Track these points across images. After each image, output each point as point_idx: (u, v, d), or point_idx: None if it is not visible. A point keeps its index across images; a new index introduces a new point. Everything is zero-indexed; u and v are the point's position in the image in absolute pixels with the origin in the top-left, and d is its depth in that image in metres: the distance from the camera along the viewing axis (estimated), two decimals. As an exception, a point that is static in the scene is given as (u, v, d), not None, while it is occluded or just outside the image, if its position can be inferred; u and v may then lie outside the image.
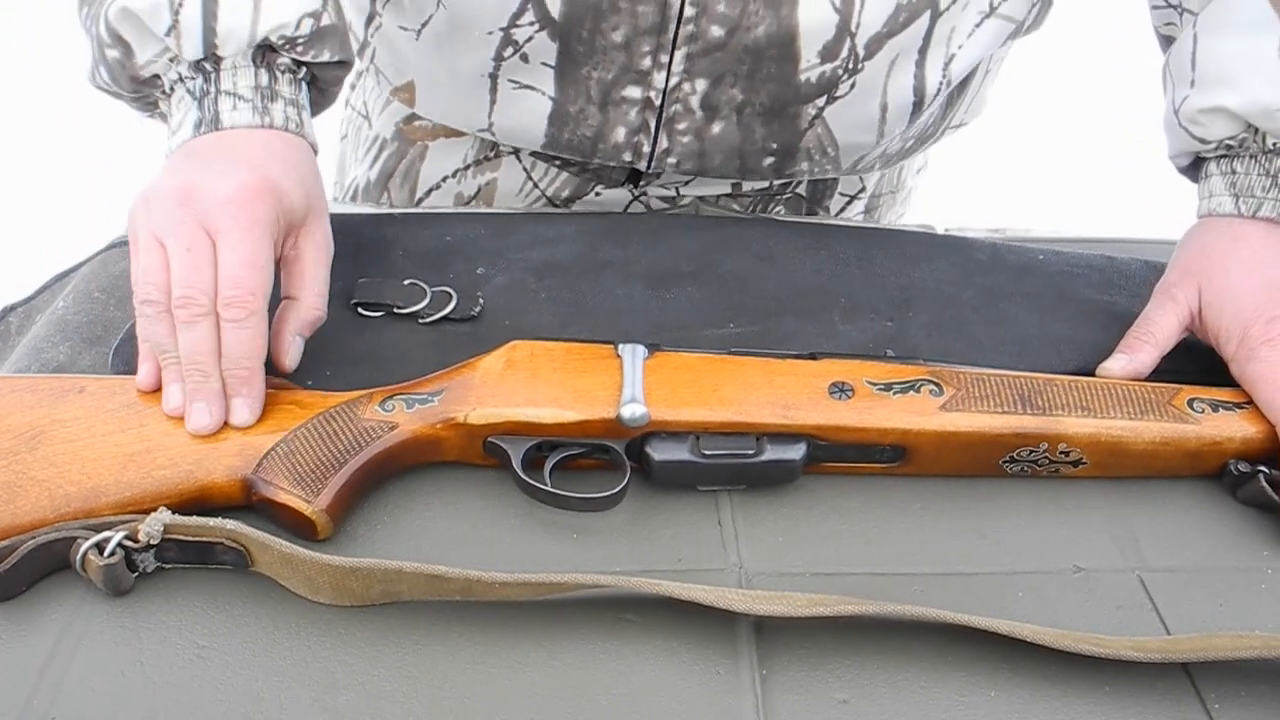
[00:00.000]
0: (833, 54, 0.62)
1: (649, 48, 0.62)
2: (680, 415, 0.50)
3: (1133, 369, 0.56)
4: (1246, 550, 0.51)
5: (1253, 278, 0.56)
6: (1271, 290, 0.56)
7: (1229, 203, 0.58)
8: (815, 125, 0.66)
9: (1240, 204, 0.58)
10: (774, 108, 0.65)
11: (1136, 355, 0.56)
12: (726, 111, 0.65)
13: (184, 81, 0.54)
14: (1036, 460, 0.52)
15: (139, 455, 0.47)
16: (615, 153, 0.68)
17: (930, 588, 0.48)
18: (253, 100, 0.54)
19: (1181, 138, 0.61)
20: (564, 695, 0.43)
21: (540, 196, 0.77)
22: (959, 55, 0.65)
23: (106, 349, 0.56)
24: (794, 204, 0.80)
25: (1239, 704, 0.44)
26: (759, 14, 0.60)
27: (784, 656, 0.45)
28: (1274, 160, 0.57)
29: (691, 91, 0.64)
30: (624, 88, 0.64)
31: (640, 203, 0.77)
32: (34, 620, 0.44)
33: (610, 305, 0.61)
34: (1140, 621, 0.47)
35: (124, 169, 1.96)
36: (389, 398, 0.50)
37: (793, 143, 0.67)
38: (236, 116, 0.54)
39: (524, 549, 0.49)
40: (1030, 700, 0.44)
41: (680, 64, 0.63)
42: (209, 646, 0.44)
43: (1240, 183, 0.58)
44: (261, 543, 0.45)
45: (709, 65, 0.63)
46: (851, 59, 0.63)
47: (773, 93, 0.64)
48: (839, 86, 0.64)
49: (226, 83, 0.54)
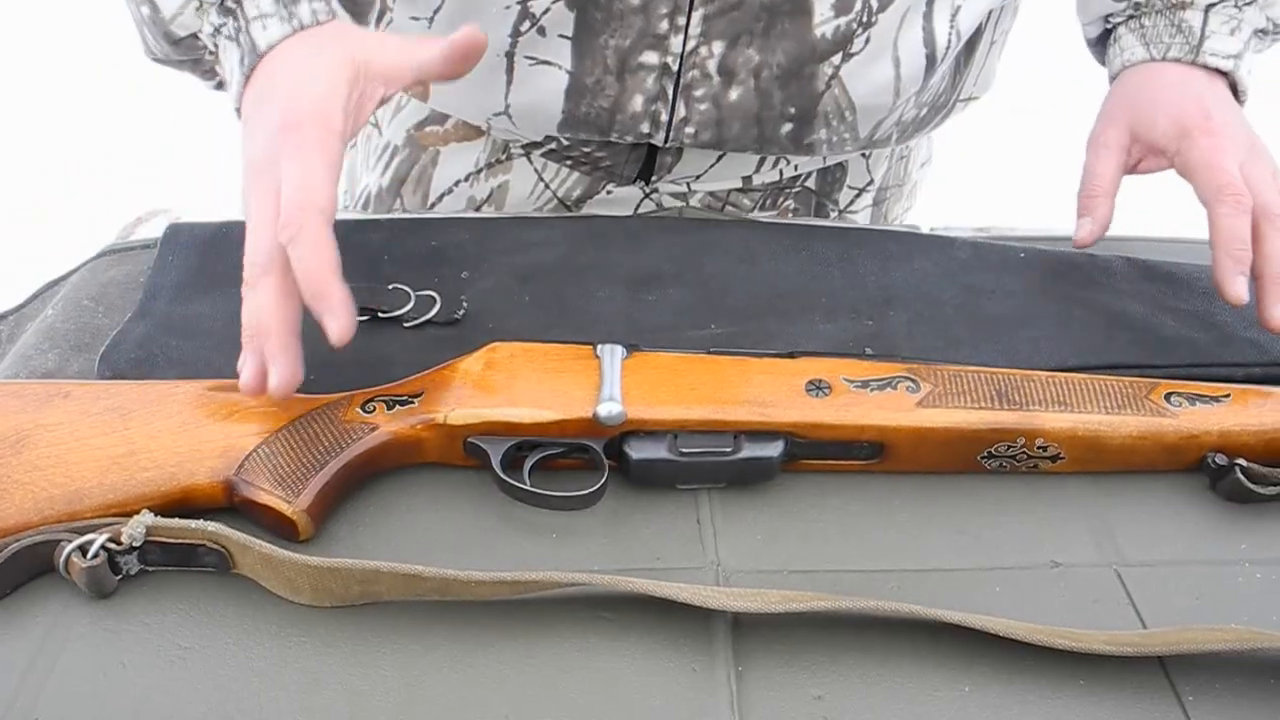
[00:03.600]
0: (847, 6, 0.63)
1: (666, 9, 0.62)
2: (658, 414, 0.50)
3: (1099, 227, 0.63)
4: (1224, 544, 0.51)
5: (1177, 92, 0.64)
6: (1200, 101, 0.63)
7: (1140, 51, 0.66)
8: (832, 86, 0.66)
9: (1151, 49, 0.65)
10: (790, 68, 0.65)
11: (1096, 212, 0.63)
12: (744, 75, 0.65)
13: (220, 32, 0.55)
14: (1015, 456, 0.52)
15: (122, 458, 0.48)
16: (633, 123, 0.67)
17: (908, 584, 0.48)
18: (277, 12, 0.54)
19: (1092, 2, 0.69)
20: (540, 693, 0.43)
21: (552, 198, 0.77)
22: (965, 6, 0.66)
23: (94, 356, 0.57)
24: (804, 198, 0.80)
25: (1213, 696, 0.44)
26: None
27: (760, 653, 0.45)
28: (1178, 13, 0.65)
29: (709, 55, 0.64)
30: (641, 53, 0.64)
31: (651, 200, 0.77)
32: (17, 622, 0.45)
33: (592, 308, 0.61)
34: (1117, 616, 0.47)
35: (114, 179, 1.98)
36: (370, 400, 0.51)
37: (810, 107, 0.67)
38: (269, 34, 0.54)
39: (504, 548, 0.49)
40: (1005, 695, 0.44)
41: (698, 25, 0.63)
42: (191, 648, 0.44)
43: (1149, 34, 0.66)
44: (242, 544, 0.45)
45: (726, 25, 0.63)
46: (865, 11, 0.64)
47: (789, 51, 0.64)
48: (854, 42, 0.65)
49: (251, 9, 0.54)
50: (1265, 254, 0.59)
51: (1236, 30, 0.65)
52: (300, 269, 0.47)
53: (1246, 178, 0.60)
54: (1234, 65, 0.64)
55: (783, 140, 0.69)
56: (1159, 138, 0.63)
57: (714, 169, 0.75)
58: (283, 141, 0.49)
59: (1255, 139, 0.62)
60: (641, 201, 0.77)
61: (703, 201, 0.78)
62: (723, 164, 0.74)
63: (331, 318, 0.47)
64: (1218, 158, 0.61)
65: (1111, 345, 0.60)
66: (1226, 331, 0.61)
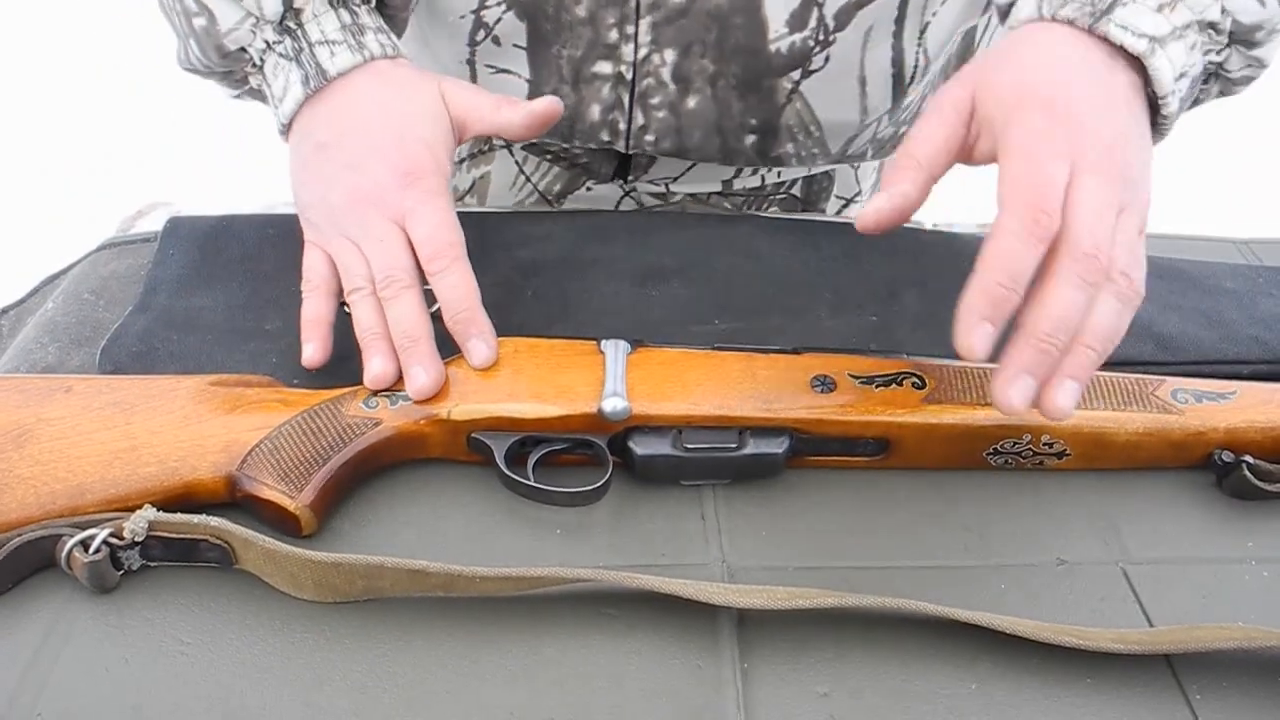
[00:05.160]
0: (801, 23, 0.61)
1: (613, 19, 0.62)
2: (662, 409, 0.50)
3: (890, 207, 0.46)
4: (1230, 541, 0.51)
5: (1042, 55, 0.47)
6: (1065, 70, 0.46)
7: (1031, 6, 0.49)
8: (794, 100, 0.65)
9: (1044, 4, 0.48)
10: (748, 79, 0.64)
11: (895, 186, 0.46)
12: (700, 84, 0.64)
13: (273, 48, 0.55)
14: (1020, 452, 0.52)
15: (124, 453, 0.48)
16: (592, 132, 0.68)
17: (914, 581, 0.48)
18: (345, 40, 0.55)
19: None
20: (545, 689, 0.43)
21: (533, 191, 0.77)
22: (934, 24, 0.64)
23: (95, 350, 0.56)
24: (788, 204, 0.80)
25: (1220, 695, 0.44)
26: None
27: (765, 650, 0.45)
28: None
29: (661, 63, 0.64)
30: (594, 63, 0.64)
31: (631, 198, 0.77)
32: (20, 618, 0.45)
33: (596, 303, 0.61)
34: (1123, 613, 0.47)
35: (114, 179, 1.97)
36: (373, 394, 0.51)
37: (772, 119, 0.66)
38: (338, 61, 0.55)
39: (508, 544, 0.49)
40: (1011, 693, 0.44)
41: (646, 34, 0.62)
42: (193, 643, 0.44)
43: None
44: (245, 539, 0.45)
45: (675, 34, 0.62)
46: (821, 29, 0.62)
47: (744, 64, 0.63)
48: (812, 59, 0.63)
49: (315, 33, 0.55)
50: (1040, 301, 0.43)
51: (1169, 8, 0.46)
52: (451, 296, 0.52)
53: (1071, 191, 0.43)
54: (1148, 49, 0.46)
55: (749, 152, 0.69)
56: (990, 104, 0.46)
57: (691, 172, 0.74)
58: (407, 185, 0.53)
59: (1119, 149, 0.44)
60: (622, 199, 0.77)
61: (683, 202, 0.77)
62: (699, 168, 0.74)
63: (479, 340, 0.51)
64: (1042, 148, 0.43)
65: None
66: (1232, 329, 0.61)
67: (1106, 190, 0.43)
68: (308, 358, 0.53)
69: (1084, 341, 0.43)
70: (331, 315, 0.54)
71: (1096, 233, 0.42)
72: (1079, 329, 0.43)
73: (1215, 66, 0.49)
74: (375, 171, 0.53)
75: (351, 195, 0.53)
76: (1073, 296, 0.42)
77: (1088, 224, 0.42)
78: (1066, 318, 0.43)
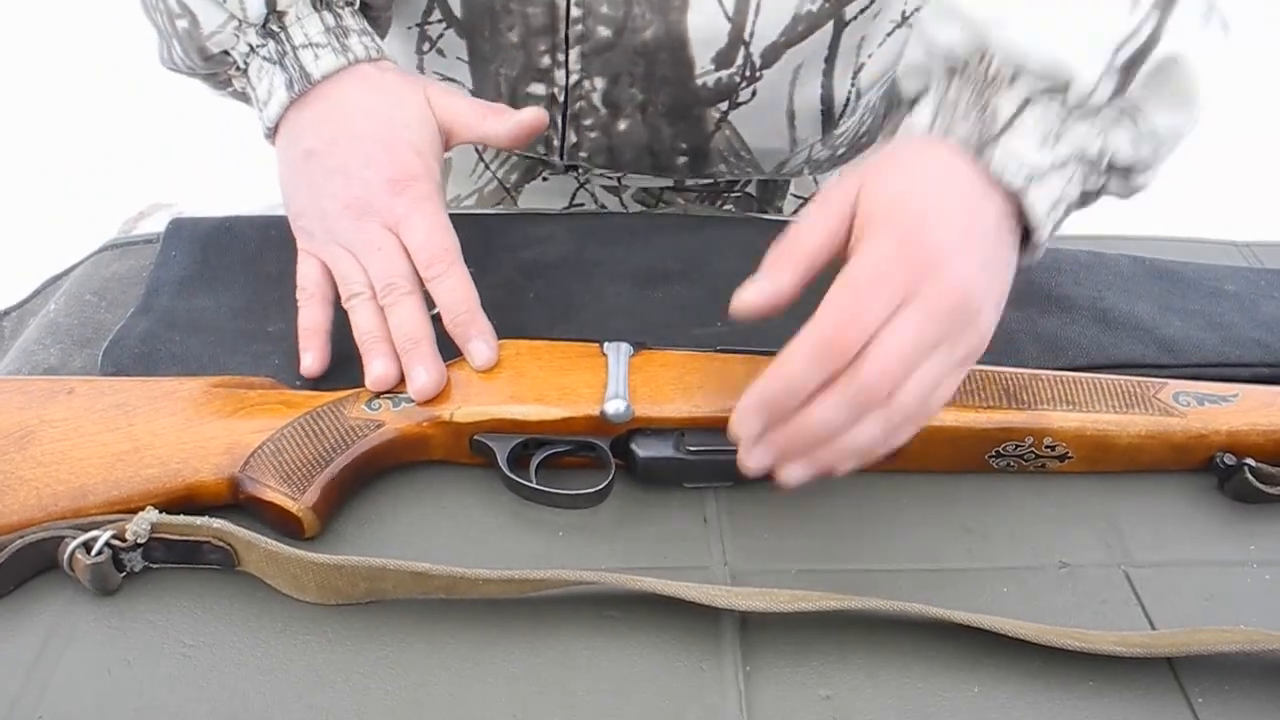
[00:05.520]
0: (727, 61, 0.62)
1: (545, 46, 0.63)
2: (664, 411, 0.50)
3: (767, 294, 0.46)
4: (1232, 544, 0.51)
5: (919, 174, 0.47)
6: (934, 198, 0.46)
7: (927, 116, 0.49)
8: (723, 128, 0.66)
9: (937, 121, 0.48)
10: (676, 108, 0.65)
11: (773, 275, 0.46)
12: (630, 110, 0.65)
13: (256, 51, 0.55)
14: (1023, 455, 0.52)
15: (127, 455, 0.48)
16: (530, 145, 0.69)
17: (916, 584, 0.48)
18: (329, 43, 0.55)
19: (912, 43, 0.52)
20: (547, 692, 0.43)
21: (492, 178, 0.78)
22: (869, 65, 0.65)
23: (97, 351, 0.56)
24: (744, 203, 0.80)
25: (1223, 698, 0.44)
26: (645, 17, 0.61)
27: (768, 653, 0.45)
28: (989, 91, 0.47)
29: (592, 89, 0.65)
30: (528, 84, 0.66)
31: (586, 191, 0.77)
32: (22, 619, 0.45)
33: (598, 305, 0.61)
34: (1125, 616, 0.47)
35: (117, 174, 1.97)
36: (375, 396, 0.51)
37: (702, 144, 0.67)
38: (322, 64, 0.55)
39: (510, 547, 0.49)
40: (1014, 696, 0.44)
41: (576, 62, 0.63)
42: (195, 645, 0.44)
43: (947, 101, 0.48)
44: (247, 541, 0.45)
45: (603, 64, 0.63)
46: (748, 67, 0.62)
47: (672, 94, 0.64)
48: (739, 93, 0.64)
49: (298, 36, 0.55)
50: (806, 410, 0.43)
51: (1051, 142, 0.46)
52: (450, 300, 0.52)
53: (883, 329, 0.42)
54: (1024, 185, 0.46)
55: (680, 169, 0.70)
56: (865, 211, 0.46)
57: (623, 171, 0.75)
58: (399, 192, 0.53)
59: (961, 286, 0.43)
60: (577, 191, 0.77)
61: (636, 196, 0.78)
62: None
63: (480, 341, 0.52)
64: (872, 284, 0.43)
65: (1118, 345, 0.59)
66: (1233, 332, 0.61)
67: (925, 328, 0.43)
68: (306, 367, 0.53)
69: (835, 445, 0.44)
70: (329, 323, 0.55)
71: (887, 369, 0.42)
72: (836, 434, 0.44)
73: (1097, 190, 0.50)
74: (366, 178, 0.53)
75: (344, 203, 0.53)
76: (834, 415, 0.43)
77: (880, 361, 0.42)
78: (822, 429, 0.44)
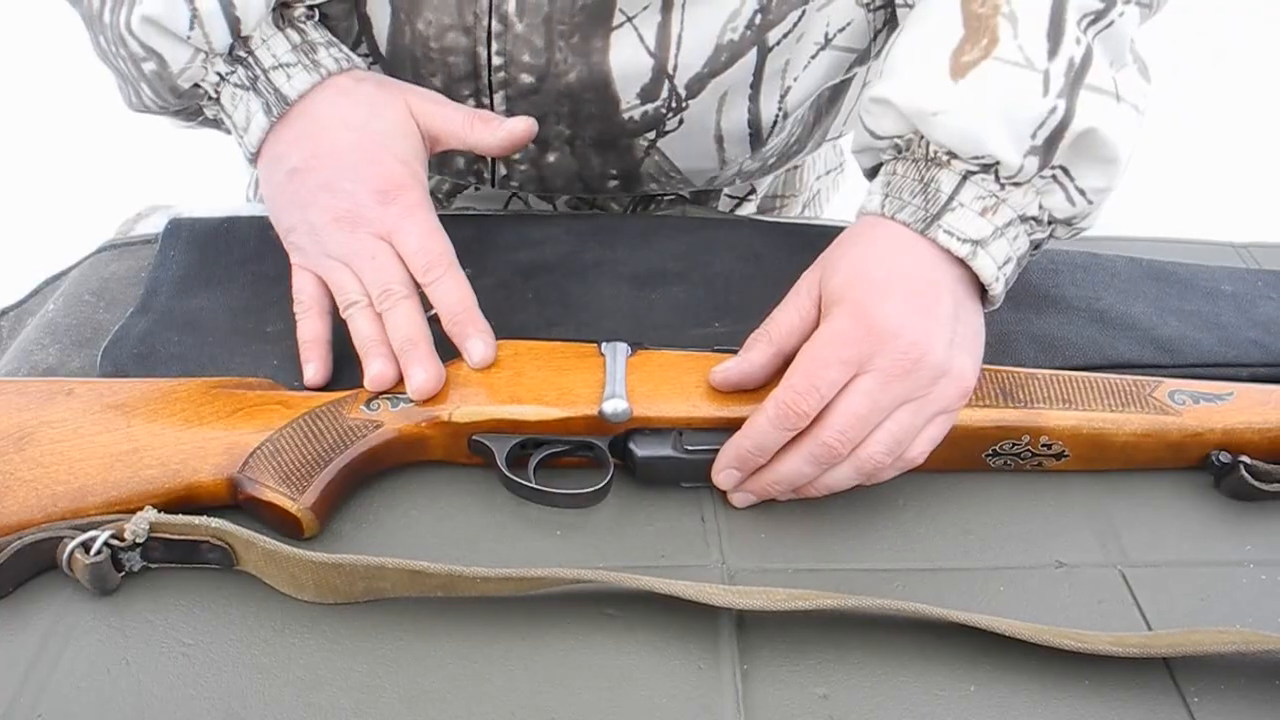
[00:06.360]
0: (652, 95, 0.63)
1: (468, 91, 0.63)
2: (662, 411, 0.50)
3: (737, 373, 0.51)
4: (1229, 544, 0.51)
5: (874, 254, 0.51)
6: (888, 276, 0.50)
7: (878, 199, 0.53)
8: (651, 154, 0.67)
9: (886, 203, 0.52)
10: (603, 140, 0.66)
11: (747, 355, 0.51)
12: (558, 144, 0.66)
13: (226, 79, 0.55)
14: (1019, 453, 0.52)
15: (126, 455, 0.48)
16: (463, 173, 0.70)
17: (913, 583, 0.48)
18: (299, 61, 0.55)
19: (859, 128, 0.55)
20: (545, 690, 0.43)
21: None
22: (795, 88, 0.65)
23: (95, 351, 0.57)
24: (677, 204, 0.80)
25: (1218, 697, 0.44)
26: (567, 61, 0.61)
27: (765, 651, 0.45)
28: (931, 170, 0.51)
29: None
30: None
31: (519, 198, 0.77)
32: (21, 619, 0.45)
33: (596, 305, 0.61)
34: (1121, 616, 0.47)
35: (115, 174, 1.97)
36: (374, 397, 0.51)
37: (632, 169, 0.68)
38: (295, 84, 0.55)
39: (509, 546, 0.49)
40: (1009, 695, 0.44)
41: (501, 105, 0.63)
42: (194, 645, 0.44)
43: (895, 183, 0.52)
44: (246, 540, 0.45)
45: (528, 107, 0.63)
46: (673, 99, 0.63)
47: (599, 128, 0.65)
48: (666, 123, 0.64)
49: (266, 59, 0.55)
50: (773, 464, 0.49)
51: (991, 211, 0.50)
52: (447, 301, 0.53)
53: (842, 393, 0.48)
54: (970, 253, 0.50)
55: (612, 191, 0.71)
56: (827, 291, 0.50)
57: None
58: (388, 202, 0.54)
59: (918, 353, 0.47)
60: (510, 199, 0.77)
61: (570, 203, 0.78)
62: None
63: (478, 339, 0.52)
64: (831, 355, 0.48)
65: (1115, 345, 0.60)
66: (1230, 332, 0.61)
67: (885, 389, 0.48)
68: (310, 378, 0.54)
69: (813, 484, 0.50)
70: (328, 333, 0.55)
71: (845, 430, 0.48)
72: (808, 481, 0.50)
73: (1045, 237, 0.54)
74: (353, 193, 0.54)
75: (333, 216, 0.54)
76: (800, 468, 0.49)
77: (839, 422, 0.48)
78: (793, 479, 0.50)
